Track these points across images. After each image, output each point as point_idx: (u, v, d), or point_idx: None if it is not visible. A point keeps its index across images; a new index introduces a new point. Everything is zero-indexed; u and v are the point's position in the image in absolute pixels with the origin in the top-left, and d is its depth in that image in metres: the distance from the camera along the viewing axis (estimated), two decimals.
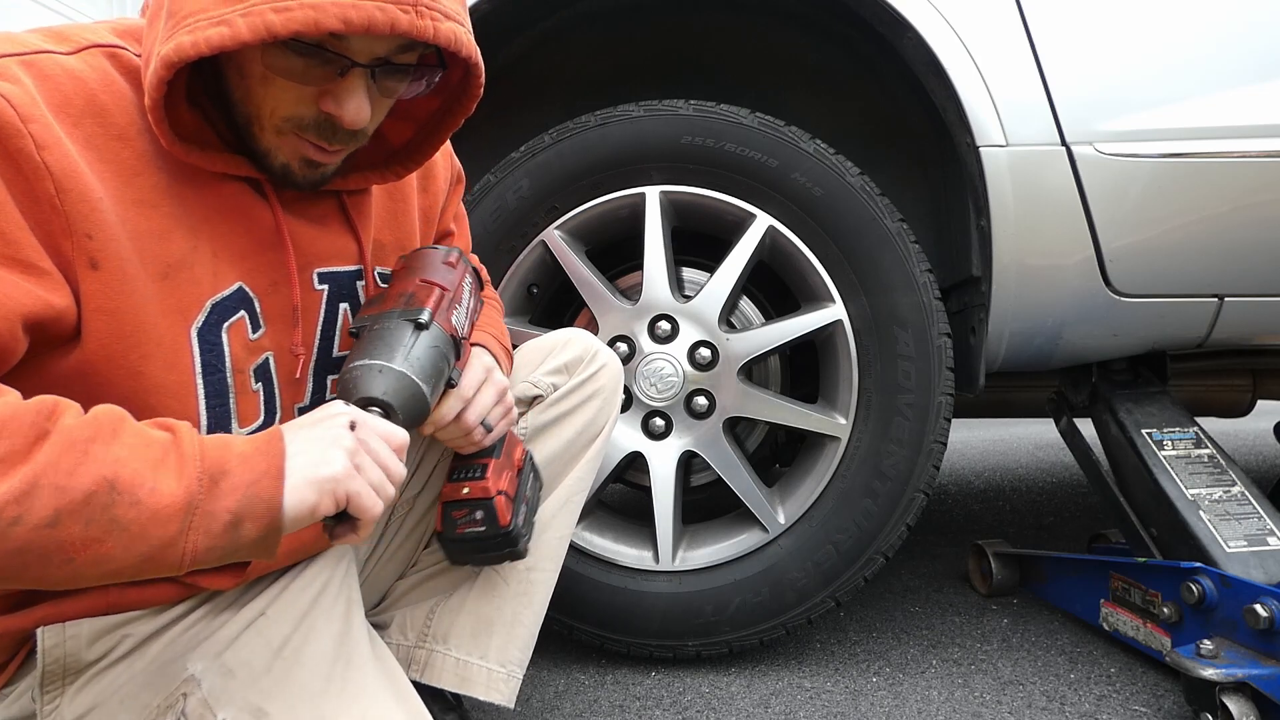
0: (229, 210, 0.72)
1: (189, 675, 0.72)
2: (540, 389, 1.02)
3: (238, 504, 0.59)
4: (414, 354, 0.74)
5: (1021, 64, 1.21)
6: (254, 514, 0.60)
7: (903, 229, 1.26)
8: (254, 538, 0.60)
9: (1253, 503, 1.27)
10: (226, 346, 0.72)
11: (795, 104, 1.48)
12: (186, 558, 0.58)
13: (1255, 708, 1.02)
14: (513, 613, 0.98)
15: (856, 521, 1.26)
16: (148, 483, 0.56)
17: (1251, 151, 1.22)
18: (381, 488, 0.66)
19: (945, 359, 1.26)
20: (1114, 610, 1.33)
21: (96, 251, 0.62)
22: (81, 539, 0.54)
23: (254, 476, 0.60)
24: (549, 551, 1.01)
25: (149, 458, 0.57)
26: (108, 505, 0.54)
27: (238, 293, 0.72)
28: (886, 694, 1.23)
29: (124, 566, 0.56)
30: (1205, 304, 1.29)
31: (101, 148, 0.63)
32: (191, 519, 0.57)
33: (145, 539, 0.56)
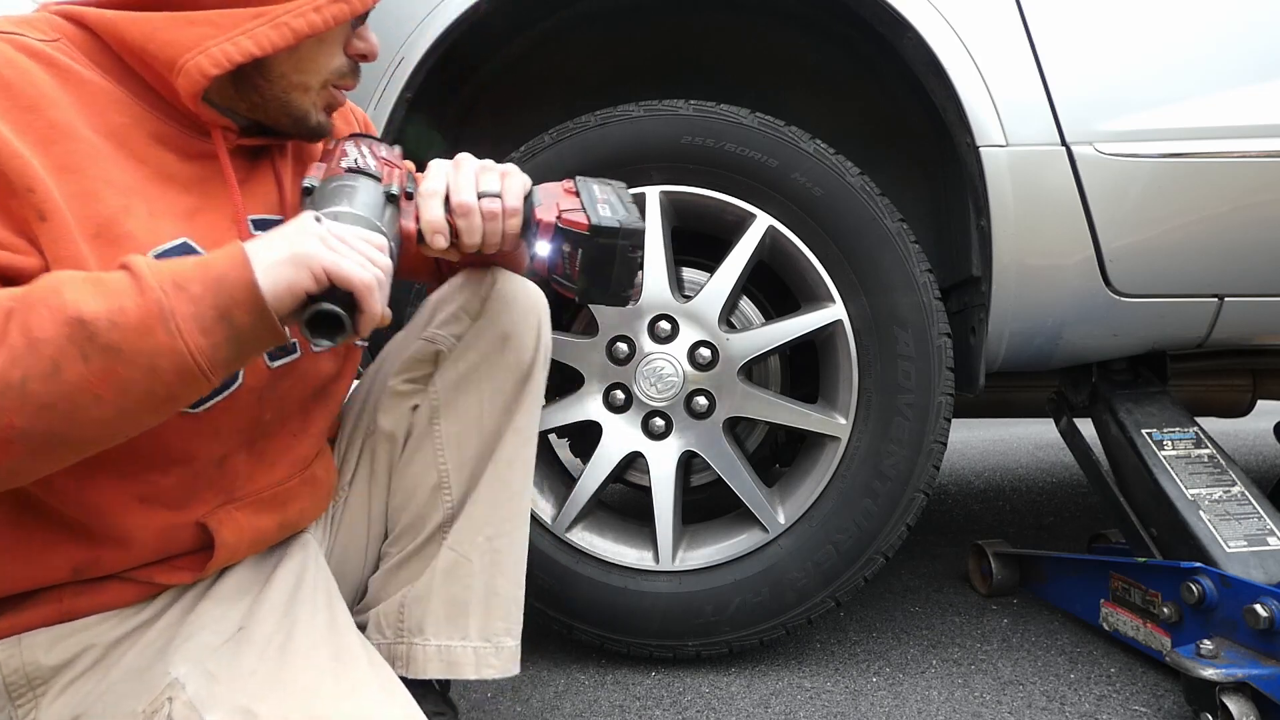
0: (167, 173, 0.74)
1: (172, 679, 0.72)
2: (440, 343, 0.94)
3: (215, 299, 0.60)
4: (360, 201, 0.74)
5: (1021, 64, 1.21)
6: (235, 300, 0.61)
7: (903, 229, 1.26)
8: (249, 323, 0.62)
9: (1253, 503, 1.27)
10: None
11: (795, 104, 1.48)
12: (201, 359, 0.60)
13: (1255, 708, 1.02)
14: (485, 585, 0.94)
15: (856, 521, 1.26)
16: (115, 306, 0.58)
17: (1251, 151, 1.22)
18: (369, 259, 0.65)
19: (945, 359, 1.26)
20: (1114, 610, 1.33)
21: (40, 203, 0.64)
22: (92, 374, 0.57)
23: (218, 272, 0.61)
24: (507, 514, 0.95)
25: (108, 289, 0.59)
26: (90, 337, 0.57)
27: (180, 246, 0.72)
28: (886, 694, 1.23)
29: (153, 386, 0.59)
30: (1205, 304, 1.29)
31: (14, 120, 0.65)
32: (172, 321, 0.59)
33: (142, 352, 0.58)
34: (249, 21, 0.71)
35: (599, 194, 0.85)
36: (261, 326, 0.62)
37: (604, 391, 1.34)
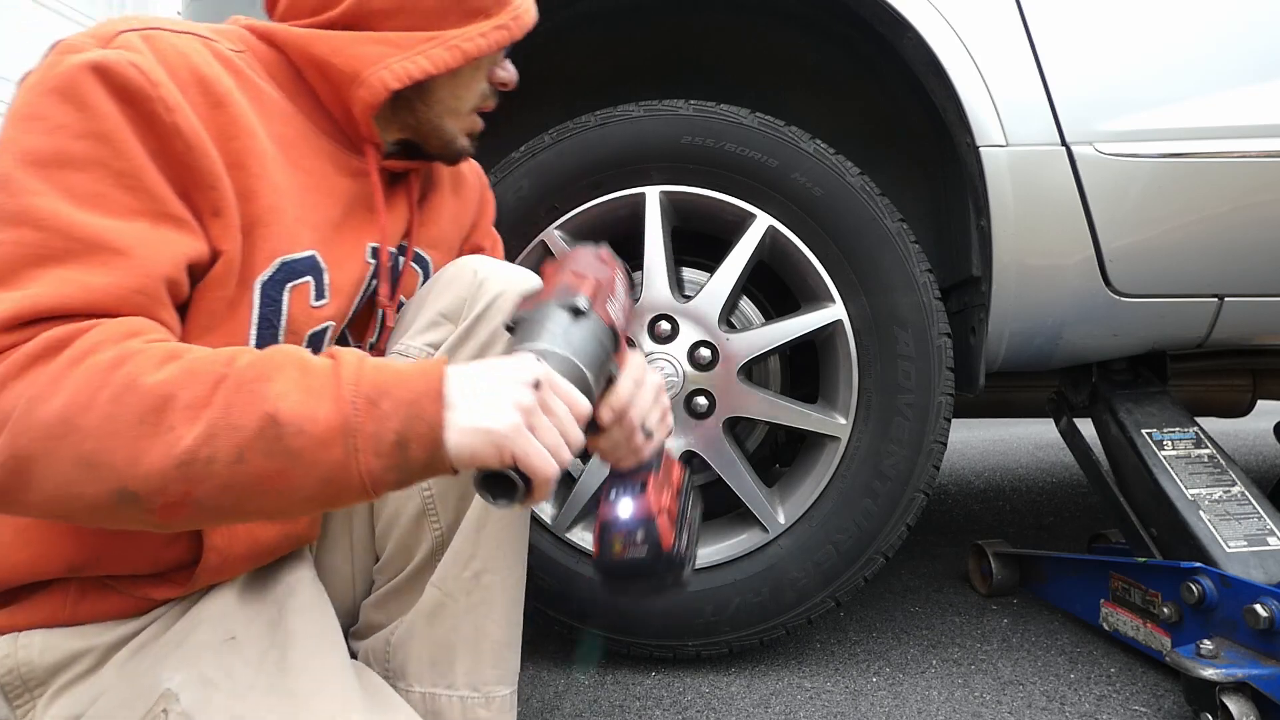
0: (321, 186, 0.79)
1: (166, 690, 0.71)
2: (412, 356, 0.85)
3: (400, 424, 0.61)
4: (574, 339, 0.70)
5: (1021, 64, 1.21)
6: (417, 434, 0.61)
7: (903, 229, 1.26)
8: (424, 460, 0.62)
9: (1253, 503, 1.27)
10: (285, 306, 0.75)
11: (795, 104, 1.48)
12: (366, 480, 0.61)
13: (1255, 708, 1.02)
14: (474, 627, 0.86)
15: (856, 521, 1.26)
16: (307, 411, 0.59)
17: (1251, 151, 1.22)
18: (557, 451, 0.64)
19: (945, 359, 1.26)
20: (1114, 610, 1.33)
21: (218, 200, 0.68)
22: (269, 471, 0.59)
23: (412, 395, 0.62)
24: (497, 548, 0.86)
25: (308, 387, 0.60)
26: (277, 437, 0.59)
27: (309, 259, 0.76)
28: (886, 694, 1.23)
29: (317, 493, 0.61)
30: (1205, 304, 1.29)
31: (204, 114, 0.69)
32: (353, 440, 0.60)
33: (318, 464, 0.59)
34: (424, 44, 0.78)
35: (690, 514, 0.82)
36: (432, 469, 0.63)
37: None
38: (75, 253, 0.61)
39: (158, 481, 0.57)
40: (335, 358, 0.63)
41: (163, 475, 0.57)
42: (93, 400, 0.56)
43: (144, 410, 0.57)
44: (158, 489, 0.57)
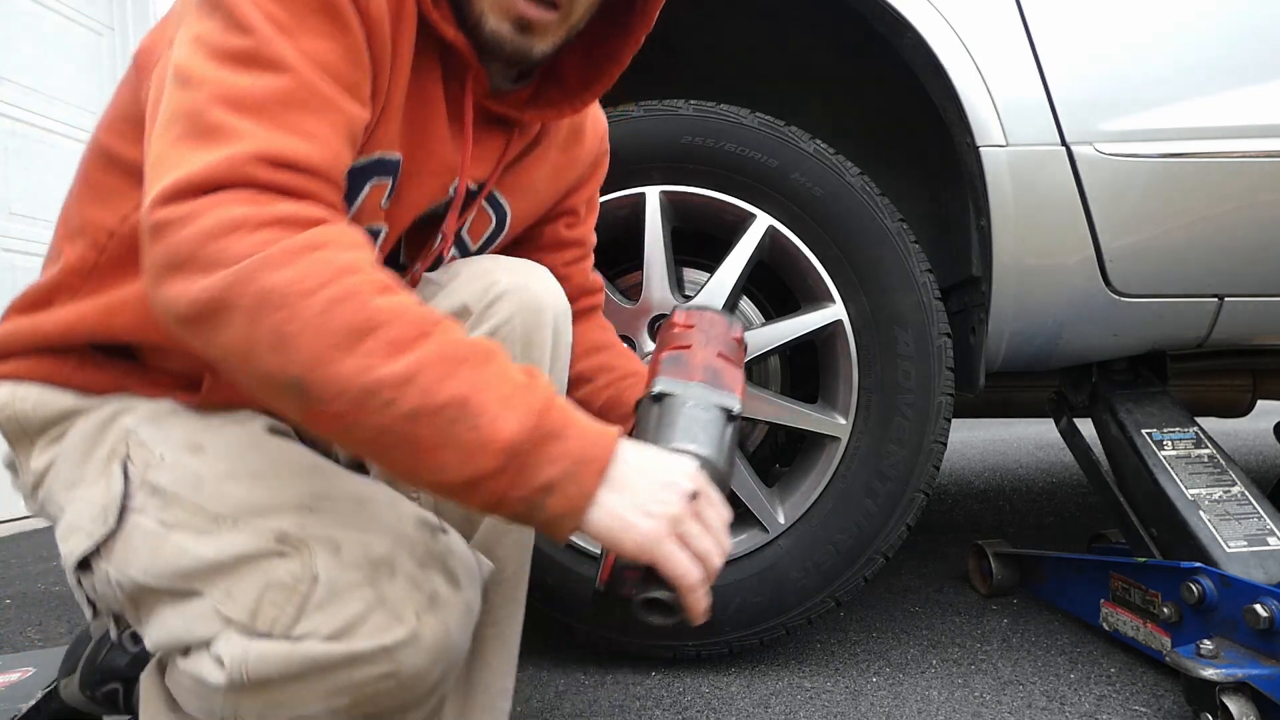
0: (423, 94, 0.76)
1: (127, 428, 0.74)
2: None
3: (557, 474, 0.60)
4: (726, 448, 0.70)
5: (1021, 64, 1.22)
6: (565, 492, 0.60)
7: (903, 229, 1.26)
8: (553, 515, 0.60)
9: (1253, 503, 1.27)
10: (361, 197, 0.74)
11: (795, 104, 1.48)
12: (494, 498, 0.60)
13: (1255, 708, 1.02)
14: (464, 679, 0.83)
15: (856, 521, 1.26)
16: (491, 414, 0.58)
17: (1251, 151, 1.22)
18: (707, 558, 0.63)
19: (945, 359, 1.26)
20: (1114, 610, 1.33)
21: (378, 85, 0.69)
22: (427, 442, 0.58)
23: (580, 453, 0.60)
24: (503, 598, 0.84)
25: (505, 396, 0.59)
26: (454, 420, 0.58)
27: (396, 162, 0.76)
28: (886, 694, 1.23)
29: (449, 481, 0.59)
30: (1205, 304, 1.29)
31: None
32: (515, 462, 0.59)
33: (470, 465, 0.58)
34: None
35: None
36: (551, 526, 0.61)
37: None
38: (314, 108, 0.62)
39: (332, 392, 0.56)
40: (533, 376, 0.62)
41: (341, 390, 0.56)
42: (315, 291, 0.56)
43: (354, 325, 0.57)
44: (327, 398, 0.57)
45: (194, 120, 0.59)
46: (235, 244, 0.56)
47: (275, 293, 0.56)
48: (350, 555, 0.66)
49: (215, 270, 0.55)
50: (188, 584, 0.67)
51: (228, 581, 0.66)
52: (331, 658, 0.63)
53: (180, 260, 0.56)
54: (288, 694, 0.64)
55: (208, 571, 0.66)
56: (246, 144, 0.58)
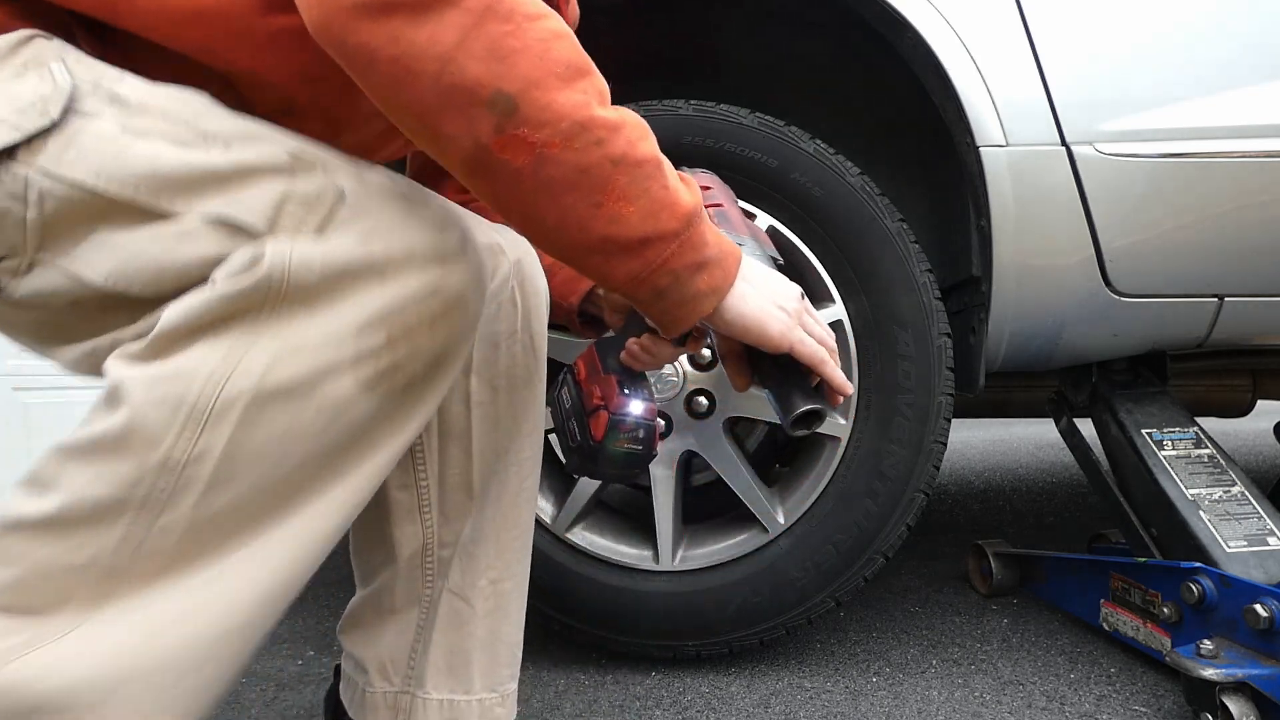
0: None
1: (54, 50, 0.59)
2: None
3: (710, 254, 0.63)
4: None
5: (1021, 64, 1.21)
6: (712, 273, 0.63)
7: (903, 229, 1.26)
8: (697, 293, 0.63)
9: (1253, 503, 1.27)
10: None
11: (795, 104, 1.48)
12: (655, 262, 0.61)
13: (1255, 708, 1.02)
14: (489, 632, 0.87)
15: (856, 521, 1.26)
16: (674, 183, 0.61)
17: (1251, 151, 1.22)
18: (825, 341, 0.71)
19: (945, 359, 1.26)
20: (1114, 610, 1.33)
21: None
22: (619, 190, 0.58)
23: (724, 248, 0.65)
24: (513, 554, 0.87)
25: (678, 176, 0.62)
26: (650, 176, 0.59)
27: None
28: (886, 694, 1.23)
29: (626, 238, 0.59)
30: (1205, 304, 1.29)
31: None
32: (688, 230, 0.61)
33: (651, 221, 0.59)
34: None
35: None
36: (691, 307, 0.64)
37: None
38: None
39: (546, 118, 0.54)
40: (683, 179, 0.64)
41: (556, 117, 0.54)
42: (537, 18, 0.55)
43: (573, 61, 0.56)
44: (538, 122, 0.54)
45: None
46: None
47: (504, 4, 0.53)
48: (375, 184, 0.59)
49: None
50: (157, 196, 0.54)
51: (230, 191, 0.55)
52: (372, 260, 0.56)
53: None
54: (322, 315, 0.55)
55: (198, 180, 0.55)
56: None
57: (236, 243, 0.54)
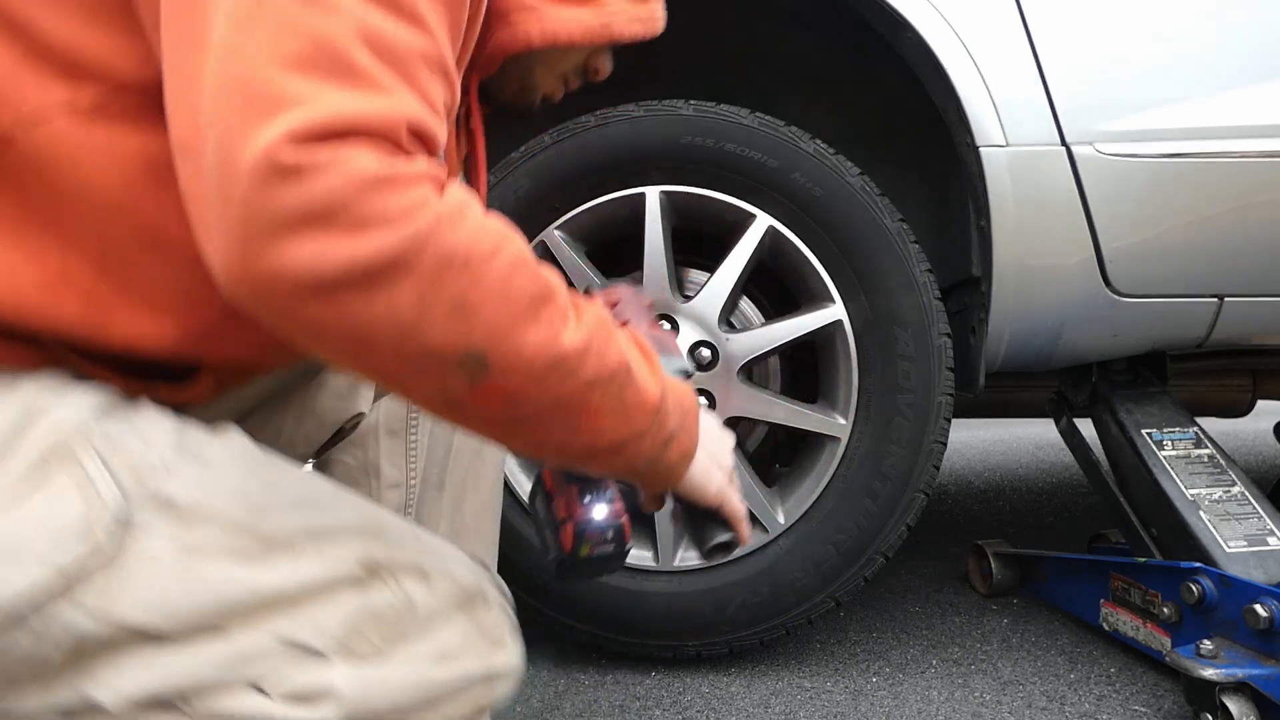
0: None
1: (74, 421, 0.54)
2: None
3: (674, 425, 0.63)
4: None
5: (1021, 64, 1.21)
6: (679, 442, 0.63)
7: (903, 229, 1.26)
8: (668, 465, 0.64)
9: (1253, 503, 1.27)
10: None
11: (795, 104, 1.48)
12: (635, 454, 0.61)
13: (1255, 708, 1.02)
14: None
15: (856, 521, 1.26)
16: (645, 376, 0.60)
17: (1251, 151, 1.22)
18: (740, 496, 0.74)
19: (945, 359, 1.26)
20: (1114, 610, 1.33)
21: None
22: (596, 407, 0.56)
23: (684, 404, 0.64)
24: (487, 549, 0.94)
25: (635, 355, 0.60)
26: (623, 385, 0.57)
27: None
28: (886, 694, 1.23)
29: (604, 446, 0.59)
30: (1205, 304, 1.29)
31: None
32: (655, 418, 0.60)
33: (626, 425, 0.59)
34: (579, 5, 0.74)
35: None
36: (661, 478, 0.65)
37: None
38: (440, 80, 0.54)
39: (516, 364, 0.51)
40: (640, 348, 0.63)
41: (527, 362, 0.52)
42: (493, 255, 0.50)
43: (534, 292, 0.52)
44: (507, 370, 0.51)
45: (329, 52, 0.47)
46: (393, 199, 0.46)
47: (458, 255, 0.48)
48: (441, 585, 0.60)
49: (376, 228, 0.46)
50: (216, 621, 0.52)
51: (298, 612, 0.54)
52: (446, 682, 0.57)
53: (328, 213, 0.45)
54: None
55: (265, 604, 0.53)
56: (397, 102, 0.49)
57: (300, 664, 0.53)
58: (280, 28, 0.47)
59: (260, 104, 0.45)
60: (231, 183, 0.44)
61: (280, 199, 0.44)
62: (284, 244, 0.44)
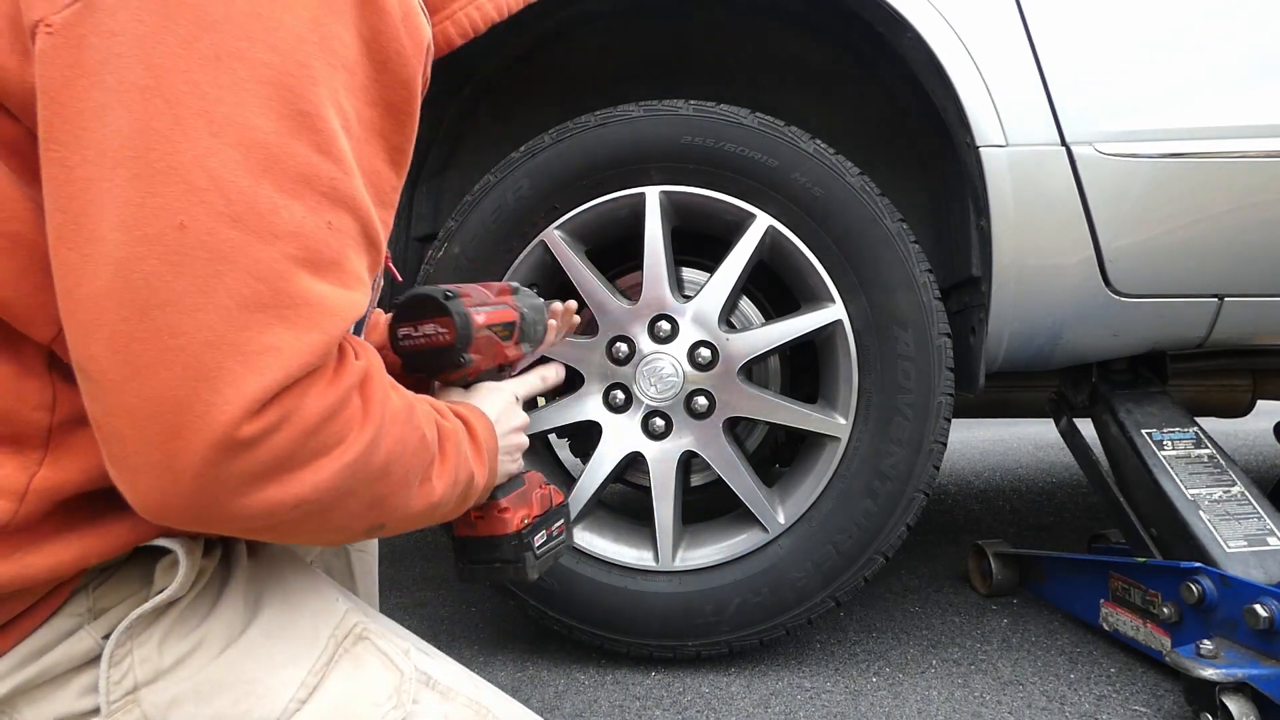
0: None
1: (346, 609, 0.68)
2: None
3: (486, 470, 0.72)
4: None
5: (1021, 64, 1.21)
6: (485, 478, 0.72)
7: (903, 229, 1.26)
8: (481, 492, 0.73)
9: (1253, 503, 1.27)
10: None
11: (795, 104, 1.48)
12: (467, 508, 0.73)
13: (1255, 708, 1.02)
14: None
15: (856, 521, 1.26)
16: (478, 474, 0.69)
17: (1251, 151, 1.22)
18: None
19: (945, 359, 1.26)
20: (1114, 610, 1.33)
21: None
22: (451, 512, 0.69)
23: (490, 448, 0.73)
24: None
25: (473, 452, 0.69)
26: (465, 495, 0.69)
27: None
28: (886, 694, 1.23)
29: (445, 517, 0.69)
30: (1205, 304, 1.29)
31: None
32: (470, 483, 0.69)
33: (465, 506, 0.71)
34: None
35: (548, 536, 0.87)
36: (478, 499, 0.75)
37: (604, 391, 1.34)
38: (370, 249, 0.54)
39: (406, 522, 0.61)
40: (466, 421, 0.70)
41: (414, 518, 0.62)
42: (403, 451, 0.56)
43: (425, 464, 0.60)
44: (399, 527, 0.61)
45: (270, 285, 0.46)
46: (331, 430, 0.50)
47: (379, 466, 0.54)
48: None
49: (320, 459, 0.50)
50: None
51: None
52: None
53: (279, 465, 0.48)
54: None
55: None
56: (333, 321, 0.49)
57: None
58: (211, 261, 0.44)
59: (206, 376, 0.44)
60: (178, 456, 0.45)
61: (237, 468, 0.46)
62: (238, 499, 0.47)
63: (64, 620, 0.56)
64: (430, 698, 0.64)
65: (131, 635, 0.56)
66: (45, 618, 0.55)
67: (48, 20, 0.44)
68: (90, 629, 0.56)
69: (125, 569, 0.58)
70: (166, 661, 0.57)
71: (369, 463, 0.53)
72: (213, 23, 0.45)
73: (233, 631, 0.60)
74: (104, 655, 0.56)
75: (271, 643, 0.61)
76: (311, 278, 0.48)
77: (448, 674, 0.68)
